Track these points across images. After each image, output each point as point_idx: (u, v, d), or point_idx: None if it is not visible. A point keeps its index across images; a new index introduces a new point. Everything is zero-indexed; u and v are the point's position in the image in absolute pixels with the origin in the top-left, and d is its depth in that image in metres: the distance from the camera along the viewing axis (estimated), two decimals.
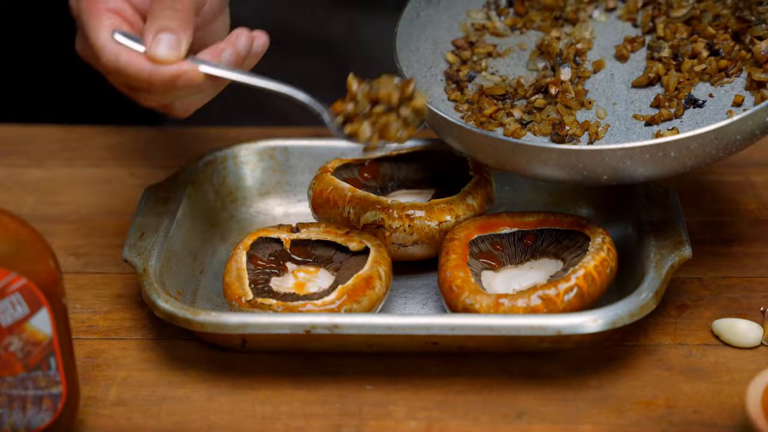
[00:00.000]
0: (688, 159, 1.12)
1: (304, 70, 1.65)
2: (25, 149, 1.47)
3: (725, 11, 1.24)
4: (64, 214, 1.35)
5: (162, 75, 1.09)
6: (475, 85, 1.27)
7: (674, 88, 1.21)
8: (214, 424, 1.07)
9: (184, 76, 1.09)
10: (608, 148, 1.11)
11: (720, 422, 1.06)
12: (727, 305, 1.19)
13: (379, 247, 1.19)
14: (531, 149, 1.13)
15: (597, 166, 1.12)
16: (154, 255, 1.17)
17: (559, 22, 1.31)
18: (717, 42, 1.22)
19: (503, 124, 1.22)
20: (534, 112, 1.23)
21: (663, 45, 1.24)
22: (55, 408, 1.02)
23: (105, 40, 1.10)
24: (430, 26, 1.32)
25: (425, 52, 1.31)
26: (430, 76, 1.29)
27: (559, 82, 1.24)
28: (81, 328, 1.18)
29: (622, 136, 1.19)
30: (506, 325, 1.08)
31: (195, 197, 1.28)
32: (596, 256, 1.13)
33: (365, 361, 1.13)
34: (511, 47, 1.31)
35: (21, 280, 0.97)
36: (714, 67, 1.21)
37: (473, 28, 1.33)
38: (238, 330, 1.09)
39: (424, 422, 1.07)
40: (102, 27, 1.11)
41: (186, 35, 1.10)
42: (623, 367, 1.12)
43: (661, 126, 1.19)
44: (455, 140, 1.18)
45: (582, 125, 1.20)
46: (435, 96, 1.27)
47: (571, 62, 1.25)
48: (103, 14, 1.12)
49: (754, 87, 1.19)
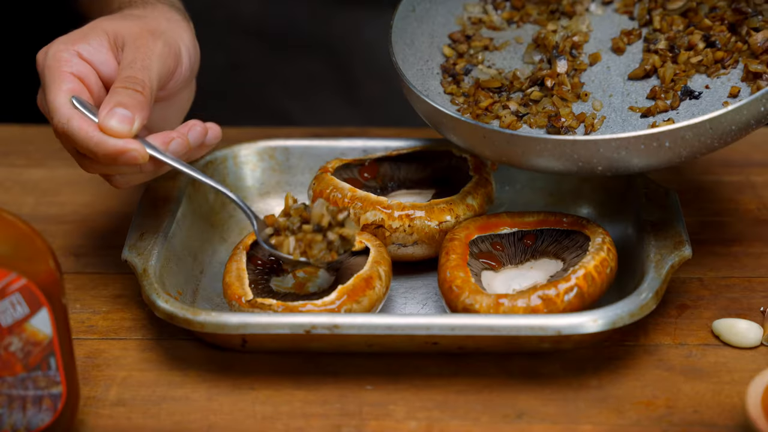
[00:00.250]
0: (683, 149, 1.11)
1: (305, 70, 1.65)
2: (25, 149, 1.47)
3: (721, 3, 1.24)
4: (64, 214, 1.35)
5: (107, 147, 1.10)
6: (472, 78, 1.28)
7: (670, 80, 1.21)
8: (214, 424, 1.07)
9: (129, 153, 1.10)
10: (603, 138, 1.10)
11: (720, 422, 1.06)
12: (727, 305, 1.19)
13: (379, 247, 1.19)
14: (526, 140, 1.13)
15: (592, 157, 1.12)
16: (154, 255, 1.17)
17: (556, 16, 1.32)
18: (713, 34, 1.22)
19: (499, 117, 1.22)
20: (530, 105, 1.23)
21: (659, 37, 1.25)
22: (55, 408, 1.02)
23: (61, 102, 1.12)
24: (427, 20, 1.32)
25: (421, 46, 1.31)
26: (426, 70, 1.29)
27: (555, 75, 1.24)
28: (81, 328, 1.18)
29: (618, 128, 1.19)
30: (506, 325, 1.08)
31: (195, 197, 1.28)
32: (596, 256, 1.13)
33: (365, 361, 1.13)
34: (507, 41, 1.31)
35: (21, 280, 0.97)
36: (710, 58, 1.21)
37: (470, 22, 1.34)
38: (238, 330, 1.09)
39: (424, 422, 1.07)
40: (61, 90, 1.13)
41: (141, 116, 1.12)
42: (623, 367, 1.12)
43: (657, 117, 1.19)
44: (452, 133, 1.18)
45: (578, 117, 1.20)
46: (431, 89, 1.27)
47: (567, 55, 1.26)
48: (66, 77, 1.13)
49: (751, 78, 1.19)
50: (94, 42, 1.16)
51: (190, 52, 1.21)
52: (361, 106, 1.65)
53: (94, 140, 1.10)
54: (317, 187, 1.25)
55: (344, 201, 1.22)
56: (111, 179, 1.17)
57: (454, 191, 1.25)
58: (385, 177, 1.30)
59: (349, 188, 1.24)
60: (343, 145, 1.33)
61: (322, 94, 1.67)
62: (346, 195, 1.23)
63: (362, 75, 1.64)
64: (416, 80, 1.26)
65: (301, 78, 1.66)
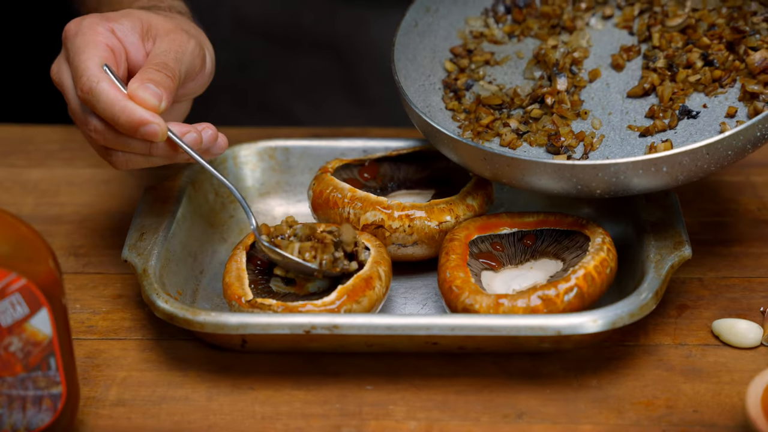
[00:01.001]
0: (680, 174, 1.13)
1: (312, 69, 1.65)
2: (25, 149, 1.47)
3: (720, 20, 1.25)
4: (64, 214, 1.35)
5: (133, 114, 1.11)
6: (473, 93, 1.28)
7: (669, 99, 1.21)
8: (213, 424, 1.07)
9: (150, 126, 1.11)
10: (602, 163, 1.12)
11: (720, 422, 1.06)
12: (727, 305, 1.19)
13: (379, 247, 1.19)
14: (526, 163, 1.14)
15: (590, 181, 1.13)
16: (154, 255, 1.17)
17: (557, 30, 1.32)
18: (711, 52, 1.23)
19: (500, 134, 1.23)
20: (530, 122, 1.24)
21: (658, 55, 1.25)
22: (55, 408, 1.02)
23: (93, 64, 1.12)
24: (429, 34, 1.33)
25: (423, 61, 1.31)
26: (428, 85, 1.29)
27: (555, 92, 1.24)
28: (81, 328, 1.18)
29: (616, 147, 1.20)
30: (506, 325, 1.08)
31: (195, 197, 1.28)
32: (596, 256, 1.13)
33: (365, 361, 1.13)
34: (508, 55, 1.31)
35: (21, 280, 0.97)
36: (708, 77, 1.22)
37: (471, 36, 1.34)
38: (238, 330, 1.09)
39: (424, 422, 1.07)
40: (94, 54, 1.13)
41: (168, 98, 1.13)
42: (623, 367, 1.12)
43: (655, 137, 1.20)
44: (452, 152, 1.20)
45: (577, 136, 1.21)
46: (433, 105, 1.27)
47: (567, 72, 1.26)
48: (100, 45, 1.14)
49: (747, 98, 1.19)
50: (127, 24, 1.17)
51: (213, 60, 1.23)
52: (366, 105, 1.65)
53: (121, 104, 1.10)
54: (317, 187, 1.25)
55: (344, 201, 1.22)
56: (112, 156, 1.16)
57: (454, 191, 1.25)
58: (385, 177, 1.30)
59: (349, 188, 1.24)
60: (343, 146, 1.33)
61: (327, 93, 1.67)
62: (345, 195, 1.23)
63: (367, 74, 1.64)
64: (418, 95, 1.27)
65: (306, 76, 1.66)
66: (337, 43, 1.62)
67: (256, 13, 1.62)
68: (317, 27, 1.62)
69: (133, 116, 1.10)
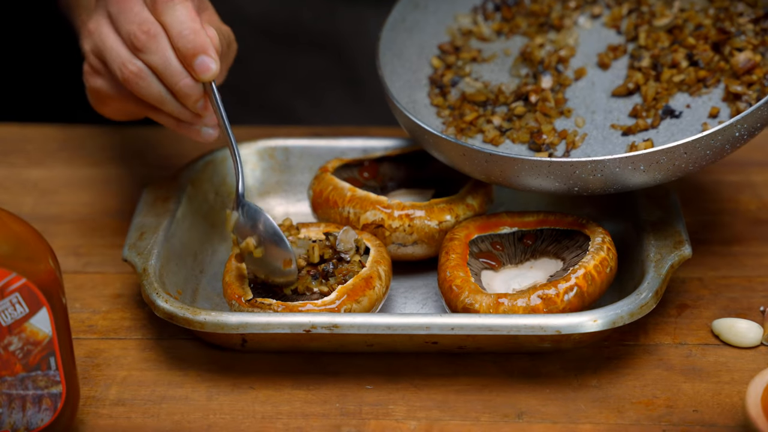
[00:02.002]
0: (658, 173, 1.13)
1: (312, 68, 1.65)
2: (25, 149, 1.47)
3: (707, 21, 1.25)
4: (64, 214, 1.35)
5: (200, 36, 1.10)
6: (458, 90, 1.28)
7: (652, 99, 1.22)
8: (213, 424, 1.07)
9: (209, 56, 1.10)
10: (579, 161, 1.12)
11: (720, 422, 1.06)
12: (727, 305, 1.19)
13: (379, 246, 1.19)
14: (504, 159, 1.14)
15: (568, 178, 1.13)
16: (154, 255, 1.17)
17: (545, 28, 1.32)
18: (696, 53, 1.23)
19: (483, 131, 1.23)
20: (513, 120, 1.24)
21: (644, 54, 1.25)
22: (55, 408, 1.02)
23: None
24: (417, 31, 1.33)
25: (410, 57, 1.31)
26: (414, 81, 1.29)
27: (540, 90, 1.24)
28: (81, 327, 1.18)
29: (598, 146, 1.20)
30: (506, 324, 1.08)
31: (195, 197, 1.28)
32: (596, 255, 1.13)
33: (365, 361, 1.13)
34: (495, 53, 1.31)
35: (21, 279, 0.97)
36: (693, 77, 1.22)
37: (460, 33, 1.34)
38: (238, 330, 1.09)
39: (424, 422, 1.07)
40: None
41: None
42: (623, 367, 1.12)
43: (637, 136, 1.20)
44: (434, 149, 1.20)
45: (560, 134, 1.21)
46: (418, 101, 1.27)
47: (552, 70, 1.26)
48: None
49: (731, 99, 1.19)
50: None
51: None
52: (366, 103, 1.65)
53: (195, 25, 1.10)
54: (317, 187, 1.25)
55: (344, 201, 1.22)
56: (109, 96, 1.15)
57: (454, 191, 1.25)
58: (385, 177, 1.30)
59: (348, 188, 1.24)
60: (343, 145, 1.33)
61: (327, 91, 1.67)
62: (345, 195, 1.23)
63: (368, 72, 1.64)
64: (403, 92, 1.27)
65: (306, 75, 1.66)
66: (337, 42, 1.62)
67: (256, 10, 1.62)
68: (317, 25, 1.62)
69: (200, 39, 1.10)
